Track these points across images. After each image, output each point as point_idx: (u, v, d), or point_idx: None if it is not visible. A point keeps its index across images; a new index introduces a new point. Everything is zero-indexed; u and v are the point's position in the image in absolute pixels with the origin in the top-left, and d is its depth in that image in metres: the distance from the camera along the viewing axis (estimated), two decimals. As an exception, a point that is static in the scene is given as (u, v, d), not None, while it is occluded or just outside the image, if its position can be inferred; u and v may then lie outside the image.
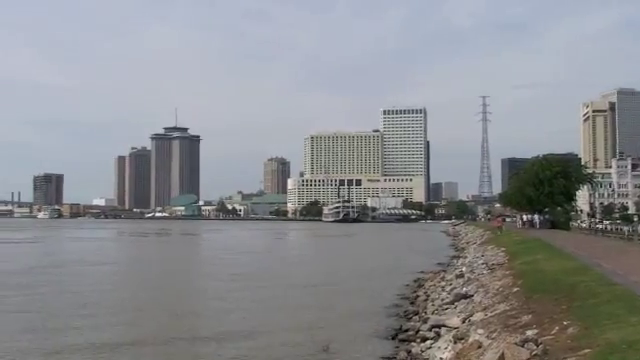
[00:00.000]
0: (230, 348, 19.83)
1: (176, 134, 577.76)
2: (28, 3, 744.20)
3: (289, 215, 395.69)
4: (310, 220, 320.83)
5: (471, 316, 18.68)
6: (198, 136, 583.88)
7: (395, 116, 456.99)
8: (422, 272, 41.87)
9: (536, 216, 77.20)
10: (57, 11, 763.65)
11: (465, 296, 23.61)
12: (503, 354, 11.19)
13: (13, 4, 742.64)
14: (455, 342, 15.61)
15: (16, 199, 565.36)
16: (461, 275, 32.30)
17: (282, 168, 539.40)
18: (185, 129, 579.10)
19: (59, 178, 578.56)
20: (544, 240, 42.77)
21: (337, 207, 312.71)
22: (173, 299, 32.48)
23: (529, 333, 12.59)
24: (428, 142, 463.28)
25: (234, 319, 25.30)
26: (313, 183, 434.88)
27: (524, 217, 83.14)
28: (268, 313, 26.77)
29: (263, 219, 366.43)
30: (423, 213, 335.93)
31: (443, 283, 31.97)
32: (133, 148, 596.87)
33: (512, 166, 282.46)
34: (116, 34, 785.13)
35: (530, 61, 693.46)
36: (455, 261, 48.98)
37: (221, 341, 20.97)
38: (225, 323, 24.38)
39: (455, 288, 27.57)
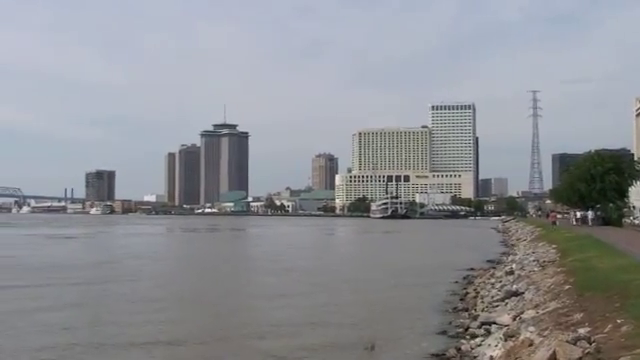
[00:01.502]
0: (276, 343, 19.92)
1: (225, 131, 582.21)
2: (80, 3, 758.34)
3: (337, 211, 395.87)
4: (358, 216, 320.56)
5: (522, 313, 18.50)
6: (247, 133, 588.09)
7: (444, 112, 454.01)
8: (471, 269, 41.51)
9: (589, 212, 75.94)
10: (110, 10, 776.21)
11: (515, 293, 23.37)
12: (555, 352, 11.08)
13: (67, 4, 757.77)
14: (505, 340, 15.49)
15: (69, 195, 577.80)
16: (511, 272, 31.97)
17: (330, 164, 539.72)
18: (234, 126, 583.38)
19: (111, 175, 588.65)
20: (596, 237, 42.08)
21: (385, 203, 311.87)
22: (223, 294, 32.79)
23: (581, 331, 12.45)
24: (477, 138, 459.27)
25: (281, 314, 25.45)
26: (361, 179, 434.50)
27: (578, 214, 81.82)
28: (315, 308, 26.84)
29: (311, 215, 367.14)
30: (472, 209, 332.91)
31: (493, 280, 31.67)
32: (183, 145, 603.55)
33: (563, 162, 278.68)
34: (167, 32, 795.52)
35: (581, 55, 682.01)
36: (505, 258, 48.44)
37: (266, 336, 21.12)
38: (272, 318, 24.53)
39: (505, 285, 27.30)
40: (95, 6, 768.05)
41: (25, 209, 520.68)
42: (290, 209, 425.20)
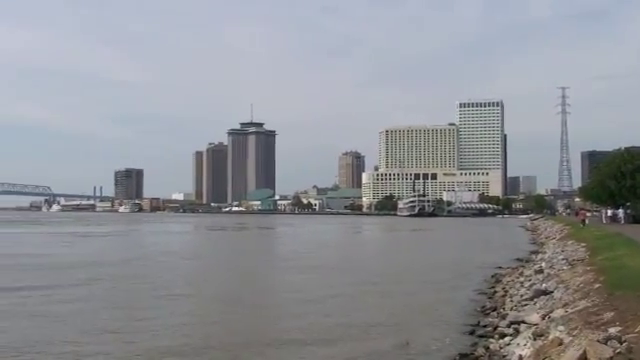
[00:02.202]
0: (304, 343, 20.03)
1: (252, 129, 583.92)
2: (107, 2, 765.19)
3: (364, 209, 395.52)
4: (385, 214, 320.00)
5: (551, 312, 18.38)
6: (274, 131, 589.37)
7: (471, 109, 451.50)
8: (500, 267, 41.36)
9: (620, 210, 75.18)
10: (138, 9, 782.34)
11: (545, 292, 23.24)
12: (585, 352, 11.03)
13: (92, 2, 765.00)
14: (535, 339, 15.41)
15: (98, 194, 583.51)
16: (540, 271, 31.77)
17: (357, 162, 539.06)
18: (261, 124, 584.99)
19: (139, 173, 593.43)
20: (627, 235, 41.66)
21: (412, 201, 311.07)
22: (253, 292, 32.99)
23: (612, 330, 12.37)
24: (505, 135, 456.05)
25: (311, 312, 25.54)
26: (388, 177, 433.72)
27: (608, 212, 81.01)
28: (345, 307, 26.92)
29: (338, 213, 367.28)
30: (500, 207, 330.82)
31: (522, 279, 31.49)
32: (210, 143, 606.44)
33: (592, 159, 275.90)
34: (195, 31, 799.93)
35: (611, 51, 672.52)
36: (534, 256, 48.16)
37: (294, 335, 21.23)
38: (302, 316, 24.65)
39: (534, 284, 27.14)
40: (123, 5, 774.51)
41: (55, 207, 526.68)
42: (317, 207, 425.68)
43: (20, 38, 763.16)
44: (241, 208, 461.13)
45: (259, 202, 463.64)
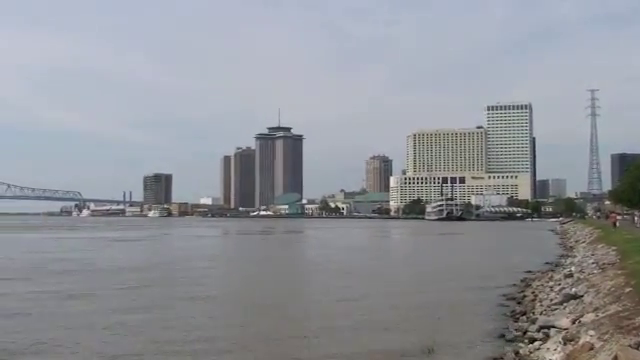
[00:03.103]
0: (334, 346, 20.12)
1: (280, 133, 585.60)
2: (139, 6, 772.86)
3: (391, 213, 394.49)
4: (413, 218, 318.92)
5: (581, 317, 18.27)
6: (301, 135, 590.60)
7: (499, 112, 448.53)
8: (529, 271, 41.10)
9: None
10: (167, 13, 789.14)
11: (575, 296, 23.08)
12: (617, 357, 10.97)
13: (124, 7, 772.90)
14: (565, 343, 15.35)
15: (127, 198, 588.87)
16: (570, 275, 31.54)
17: (384, 166, 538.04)
18: (288, 128, 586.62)
19: (168, 178, 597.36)
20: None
21: (440, 205, 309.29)
22: (282, 296, 33.09)
23: (643, 335, 12.29)
24: (534, 138, 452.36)
25: (338, 316, 25.64)
26: (415, 181, 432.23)
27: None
28: (372, 310, 26.96)
29: (365, 217, 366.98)
30: (529, 211, 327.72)
31: (551, 283, 31.29)
32: (238, 148, 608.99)
33: (623, 162, 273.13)
34: (222, 36, 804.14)
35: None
36: (563, 260, 47.76)
37: (323, 337, 21.34)
38: (329, 319, 24.76)
39: (564, 288, 26.95)
40: (152, 11, 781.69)
41: (85, 212, 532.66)
42: (344, 211, 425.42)
43: (53, 43, 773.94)
44: (269, 212, 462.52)
45: (287, 206, 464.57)
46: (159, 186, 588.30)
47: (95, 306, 27.69)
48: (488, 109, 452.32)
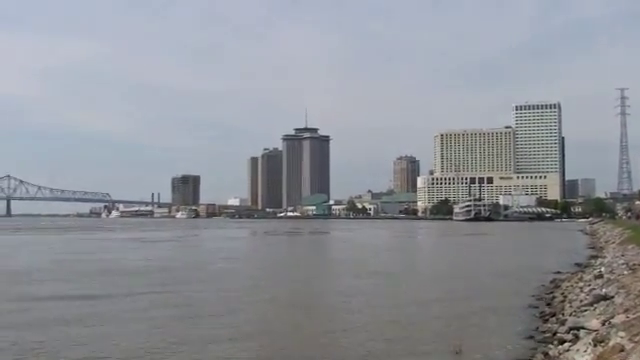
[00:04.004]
0: (360, 344, 20.24)
1: (306, 134, 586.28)
2: (168, 11, 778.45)
3: (419, 214, 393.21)
4: (440, 219, 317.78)
5: (611, 318, 18.17)
6: (328, 136, 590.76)
7: (528, 111, 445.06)
8: (558, 272, 40.87)
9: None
10: (196, 17, 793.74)
11: (605, 297, 22.93)
12: (646, 358, 10.93)
13: (154, 13, 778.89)
14: (595, 345, 15.28)
15: (156, 200, 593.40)
16: (600, 275, 31.31)
17: (412, 167, 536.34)
18: (315, 129, 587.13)
19: (196, 179, 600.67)
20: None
21: (468, 205, 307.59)
22: (310, 295, 33.36)
23: (675, 337, 12.22)
24: (563, 138, 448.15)
25: (367, 314, 25.79)
26: (443, 181, 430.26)
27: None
28: (401, 310, 27.04)
29: (393, 218, 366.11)
30: (558, 211, 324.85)
31: (581, 284, 31.08)
32: (265, 149, 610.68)
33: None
34: (249, 38, 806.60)
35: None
36: (593, 261, 47.37)
37: (351, 336, 21.47)
38: (358, 318, 24.88)
39: (594, 289, 26.78)
40: (181, 15, 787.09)
41: (114, 214, 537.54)
42: (372, 212, 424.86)
43: (84, 48, 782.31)
44: (296, 213, 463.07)
45: (314, 207, 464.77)
46: (187, 187, 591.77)
47: (137, 305, 28.12)
48: (516, 109, 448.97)
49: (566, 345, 17.45)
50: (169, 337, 21.35)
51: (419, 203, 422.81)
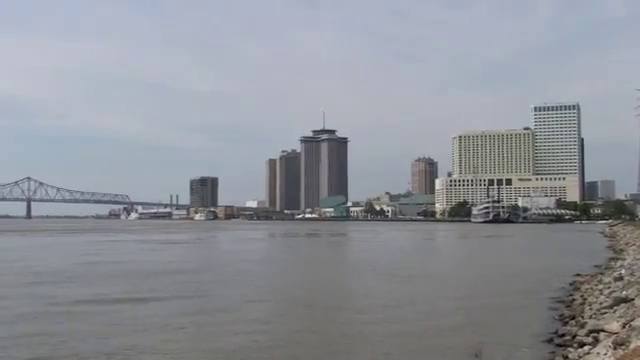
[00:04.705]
0: (381, 345, 20.37)
1: (324, 136, 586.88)
2: (185, 13, 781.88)
3: (437, 216, 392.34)
4: (458, 221, 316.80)
5: (632, 321, 18.13)
6: (346, 138, 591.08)
7: (547, 113, 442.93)
8: (578, 274, 40.73)
9: None
10: (213, 21, 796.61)
11: (625, 300, 22.92)
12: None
13: (171, 15, 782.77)
14: (615, 348, 15.29)
15: (174, 202, 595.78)
16: (620, 278, 31.22)
17: (430, 168, 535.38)
18: (333, 131, 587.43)
19: (214, 181, 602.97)
20: None
21: (487, 207, 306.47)
22: (329, 297, 33.40)
23: (695, 340, 12.27)
24: (582, 139, 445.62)
25: (387, 317, 25.90)
26: (461, 183, 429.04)
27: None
28: (420, 312, 27.13)
29: (411, 220, 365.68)
30: (577, 213, 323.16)
31: (601, 286, 31.02)
32: (283, 151, 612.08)
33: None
34: (266, 40, 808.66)
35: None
36: (613, 263, 47.19)
37: (368, 338, 21.64)
38: (378, 320, 25.01)
39: (614, 291, 26.74)
40: (198, 16, 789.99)
41: (133, 215, 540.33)
42: (390, 214, 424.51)
43: (101, 51, 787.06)
44: (314, 215, 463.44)
45: (332, 209, 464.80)
46: (205, 189, 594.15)
47: (158, 309, 28.28)
48: (535, 110, 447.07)
49: (586, 348, 17.46)
50: (189, 338, 21.61)
51: (437, 205, 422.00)
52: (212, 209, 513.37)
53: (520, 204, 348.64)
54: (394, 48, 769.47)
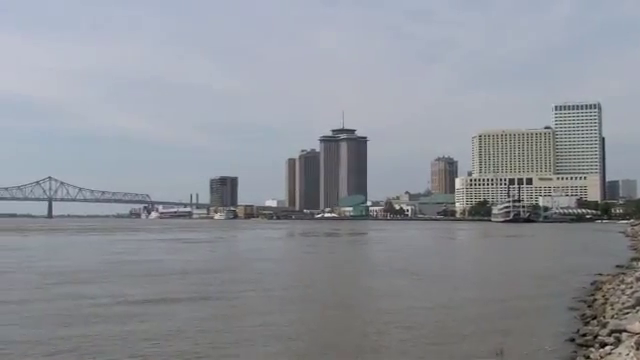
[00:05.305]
0: (402, 346, 20.50)
1: (343, 136, 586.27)
2: (203, 12, 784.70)
3: (457, 215, 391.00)
4: (478, 220, 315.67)
5: (654, 321, 18.16)
6: (365, 137, 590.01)
7: (567, 112, 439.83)
8: (599, 274, 40.59)
9: None
10: (230, 18, 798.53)
11: (647, 300, 22.88)
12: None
13: (188, 15, 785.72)
14: (637, 348, 15.26)
15: (194, 201, 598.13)
16: (642, 278, 31.12)
17: (449, 168, 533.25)
18: (352, 130, 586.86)
19: (234, 180, 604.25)
20: None
21: (507, 207, 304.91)
22: (350, 296, 33.61)
23: None
24: (603, 138, 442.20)
25: (408, 316, 26.02)
26: (481, 182, 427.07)
27: None
28: (442, 311, 27.24)
29: (431, 219, 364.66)
30: (598, 213, 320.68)
31: (623, 286, 30.88)
32: (303, 150, 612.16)
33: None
34: (285, 39, 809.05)
35: None
36: (635, 263, 46.96)
37: (391, 337, 21.77)
38: (400, 320, 25.10)
39: (636, 291, 26.63)
40: (216, 16, 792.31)
41: (153, 215, 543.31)
42: (409, 213, 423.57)
43: (121, 51, 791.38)
44: (333, 214, 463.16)
45: (351, 208, 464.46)
46: (225, 189, 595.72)
47: (183, 308, 28.64)
48: (556, 109, 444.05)
49: (608, 348, 17.41)
50: (214, 337, 21.85)
51: (457, 204, 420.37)
52: (232, 208, 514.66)
53: (541, 203, 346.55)
54: (414, 47, 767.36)
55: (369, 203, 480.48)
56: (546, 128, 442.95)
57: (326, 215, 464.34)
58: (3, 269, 47.37)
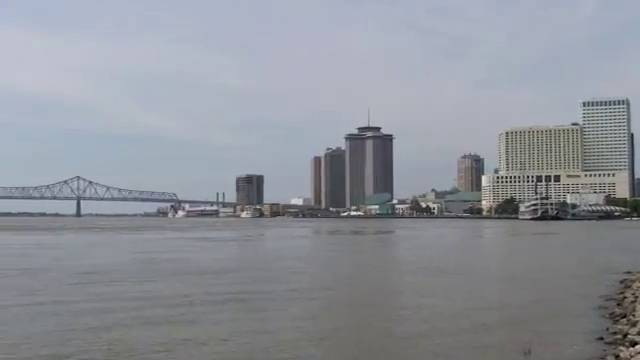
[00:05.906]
0: (430, 344, 20.64)
1: (369, 134, 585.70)
2: (222, 12, 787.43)
3: (484, 213, 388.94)
4: (506, 218, 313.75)
5: (684, 320, 18.10)
6: (391, 135, 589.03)
7: (595, 108, 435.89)
8: (629, 272, 40.37)
9: None
10: (255, 17, 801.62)
11: (677, 299, 22.79)
12: None
13: (209, 14, 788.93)
14: (667, 346, 15.27)
15: (221, 199, 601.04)
16: (672, 277, 31.00)
17: (476, 165, 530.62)
18: (378, 128, 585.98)
19: (260, 179, 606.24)
20: None
21: (534, 204, 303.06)
22: (378, 295, 33.74)
23: None
24: (632, 134, 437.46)
25: (437, 314, 26.18)
26: (508, 180, 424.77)
27: None
28: (469, 310, 27.28)
29: (457, 217, 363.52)
30: (627, 210, 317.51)
31: (653, 285, 30.83)
32: (328, 149, 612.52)
33: None
34: (311, 37, 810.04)
35: None
36: (665, 261, 46.73)
37: (419, 336, 21.91)
38: (428, 317, 25.30)
39: (666, 290, 26.63)
40: (240, 16, 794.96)
41: (180, 213, 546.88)
42: (435, 211, 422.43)
43: (147, 51, 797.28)
44: (359, 212, 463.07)
45: (377, 206, 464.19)
46: (251, 187, 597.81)
47: (211, 306, 28.90)
48: (584, 105, 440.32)
49: (638, 347, 17.30)
50: (240, 336, 22.15)
51: (484, 202, 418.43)
52: (258, 207, 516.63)
53: (568, 201, 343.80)
54: (439, 45, 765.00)
55: (395, 201, 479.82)
56: (574, 125, 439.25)
57: (352, 213, 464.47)
58: (44, 267, 48.32)
